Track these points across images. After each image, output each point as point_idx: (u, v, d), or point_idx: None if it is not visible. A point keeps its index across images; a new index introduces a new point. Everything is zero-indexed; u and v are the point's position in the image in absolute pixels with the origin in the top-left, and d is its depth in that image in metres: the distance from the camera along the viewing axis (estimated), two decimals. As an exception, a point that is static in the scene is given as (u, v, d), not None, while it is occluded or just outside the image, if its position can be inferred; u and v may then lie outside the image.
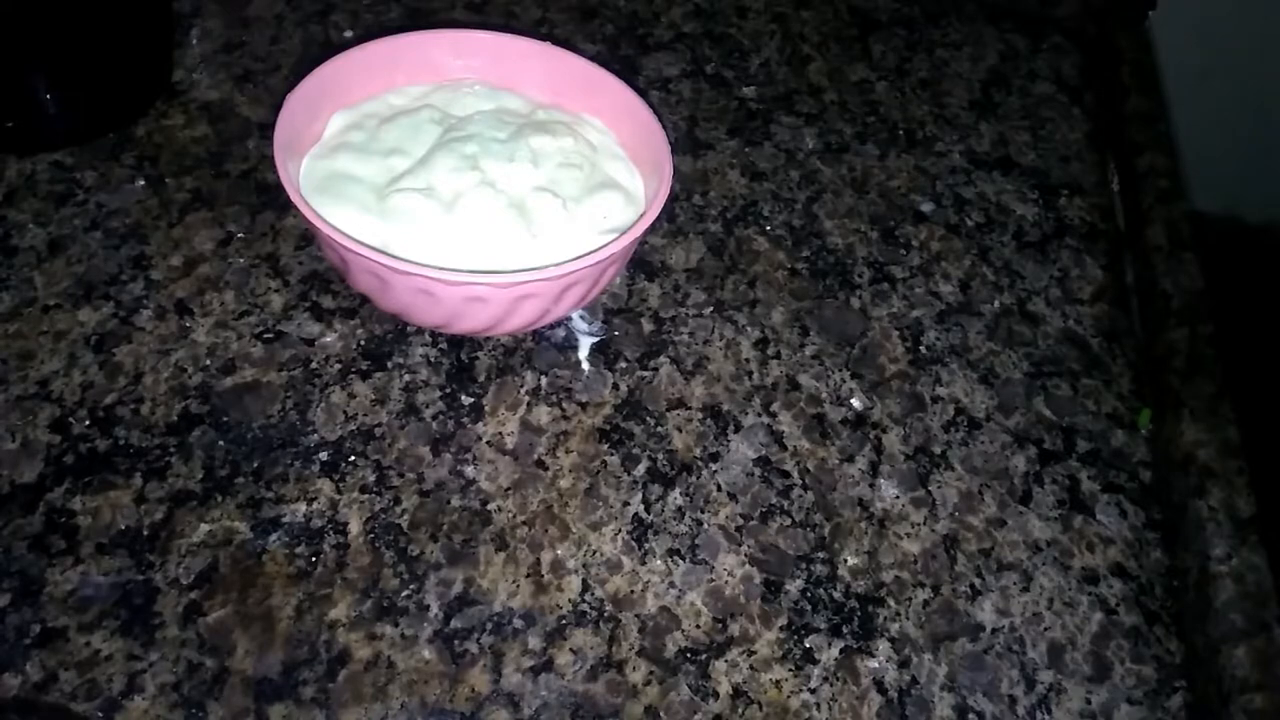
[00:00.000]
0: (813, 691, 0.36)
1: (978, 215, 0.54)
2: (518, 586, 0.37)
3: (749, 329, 0.46)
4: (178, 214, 0.46)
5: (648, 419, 0.42)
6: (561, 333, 0.45)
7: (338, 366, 0.42)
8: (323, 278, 0.45)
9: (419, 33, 0.45)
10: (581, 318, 0.45)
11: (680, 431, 0.42)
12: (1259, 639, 0.37)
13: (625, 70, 0.57)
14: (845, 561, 0.39)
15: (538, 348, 0.44)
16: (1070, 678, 0.38)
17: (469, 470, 0.39)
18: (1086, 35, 0.67)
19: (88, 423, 0.38)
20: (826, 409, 0.44)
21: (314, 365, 0.42)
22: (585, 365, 0.44)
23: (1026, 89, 0.63)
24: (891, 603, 0.39)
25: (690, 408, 0.43)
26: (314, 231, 0.37)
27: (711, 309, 0.47)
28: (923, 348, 0.47)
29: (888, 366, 0.46)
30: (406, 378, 0.42)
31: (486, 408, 0.41)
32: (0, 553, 0.35)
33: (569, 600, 0.37)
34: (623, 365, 0.44)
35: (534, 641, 0.35)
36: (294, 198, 0.36)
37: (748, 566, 0.39)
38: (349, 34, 0.57)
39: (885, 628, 0.38)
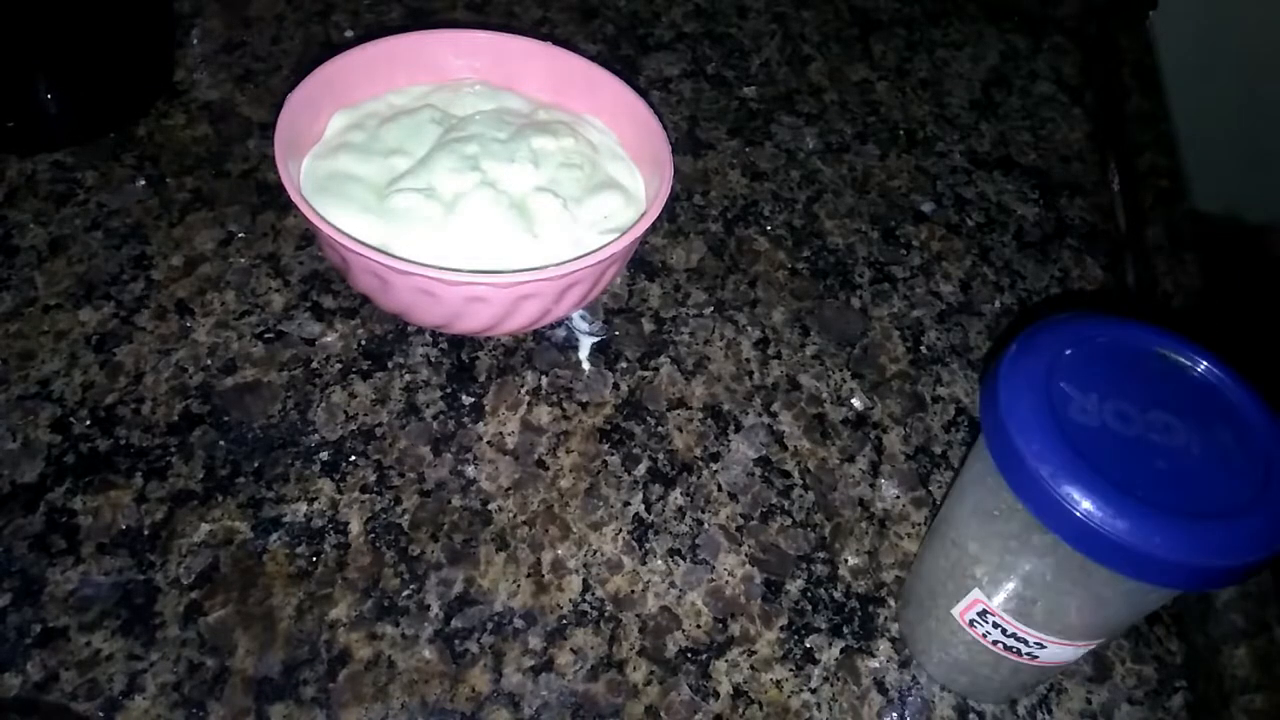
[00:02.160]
0: (813, 691, 0.36)
1: (978, 215, 0.54)
2: (518, 586, 0.37)
3: (749, 329, 0.46)
4: (178, 214, 0.46)
5: (648, 419, 0.42)
6: (562, 333, 0.45)
7: (338, 366, 0.42)
8: (323, 278, 0.45)
9: (420, 33, 0.45)
10: (582, 318, 0.45)
11: (681, 431, 0.42)
12: (1259, 639, 0.37)
13: (626, 70, 0.57)
14: (846, 561, 0.39)
15: (538, 348, 0.44)
16: (1071, 678, 0.38)
17: (469, 470, 0.39)
18: (1087, 35, 0.67)
19: (88, 422, 0.38)
20: (827, 409, 0.44)
21: (315, 365, 0.42)
22: (586, 365, 0.44)
23: (1027, 89, 0.63)
24: (892, 603, 0.39)
25: (691, 408, 0.43)
26: (315, 231, 0.37)
27: (712, 309, 0.47)
28: (923, 348, 0.47)
29: (888, 366, 0.46)
30: (407, 377, 0.42)
31: (487, 407, 0.41)
32: (1, 552, 0.35)
33: (569, 600, 0.37)
34: (623, 365, 0.44)
35: (534, 641, 0.35)
36: (295, 197, 0.36)
37: (748, 566, 0.39)
38: (350, 34, 0.57)
39: (886, 628, 0.38)
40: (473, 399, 0.42)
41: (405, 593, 0.36)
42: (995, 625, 0.31)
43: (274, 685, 0.33)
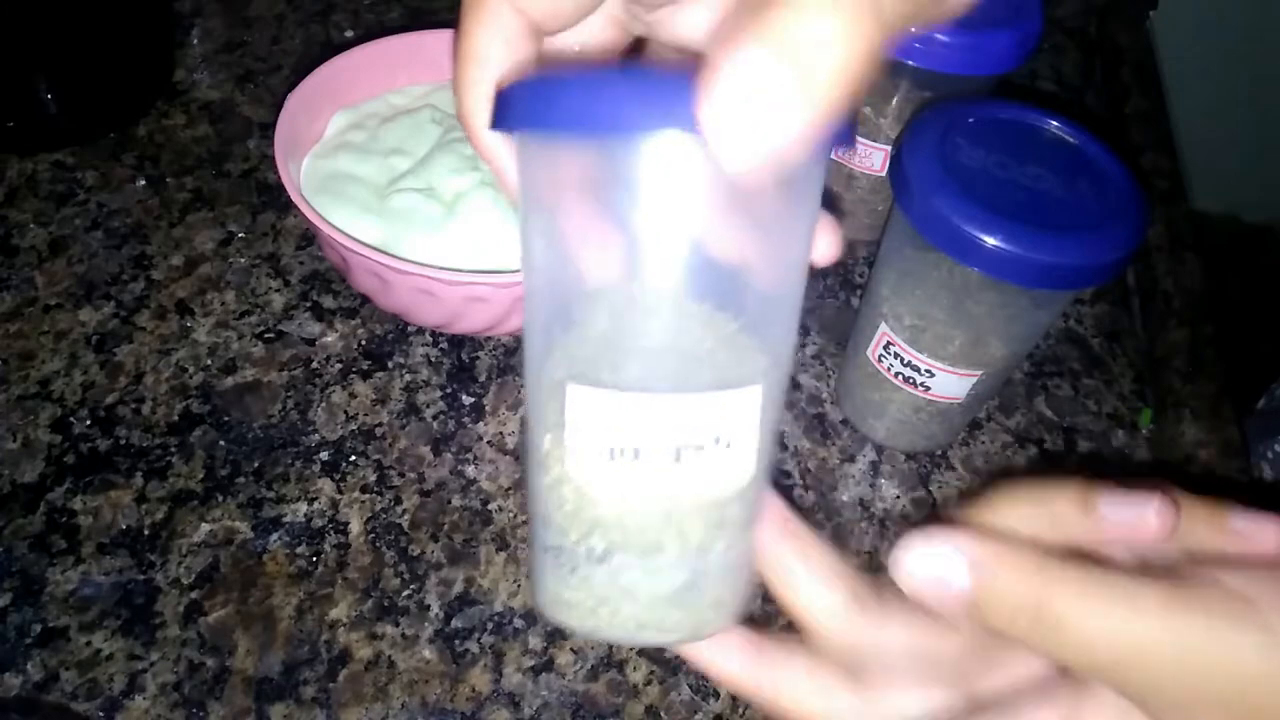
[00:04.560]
0: (813, 691, 0.36)
1: (978, 215, 0.54)
2: (518, 586, 0.37)
3: (750, 329, 0.46)
4: (178, 214, 0.46)
5: (648, 419, 0.42)
6: (562, 333, 0.44)
7: (339, 366, 0.42)
8: (323, 277, 0.45)
9: (420, 32, 0.45)
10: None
11: (681, 431, 0.42)
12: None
13: (626, 70, 0.57)
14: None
15: (538, 347, 0.44)
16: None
17: (470, 470, 0.39)
18: (1087, 35, 0.67)
19: (89, 422, 0.38)
20: (827, 409, 0.44)
21: (315, 365, 0.42)
22: (586, 365, 0.44)
23: (1027, 89, 0.63)
24: (892, 603, 0.39)
25: (691, 408, 0.43)
26: (315, 231, 0.37)
27: (712, 309, 0.47)
28: (923, 348, 0.47)
29: (888, 366, 0.46)
30: (407, 377, 0.42)
31: (487, 407, 0.41)
32: (1, 552, 0.35)
33: (570, 600, 0.37)
34: (623, 365, 0.44)
35: (535, 641, 0.35)
36: (295, 197, 0.36)
37: (748, 566, 0.39)
38: (350, 34, 0.57)
39: (886, 628, 0.38)
40: (473, 399, 0.42)
41: (405, 593, 0.36)
42: (896, 356, 0.38)
43: (274, 685, 0.33)
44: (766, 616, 0.37)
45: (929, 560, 0.20)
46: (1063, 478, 0.23)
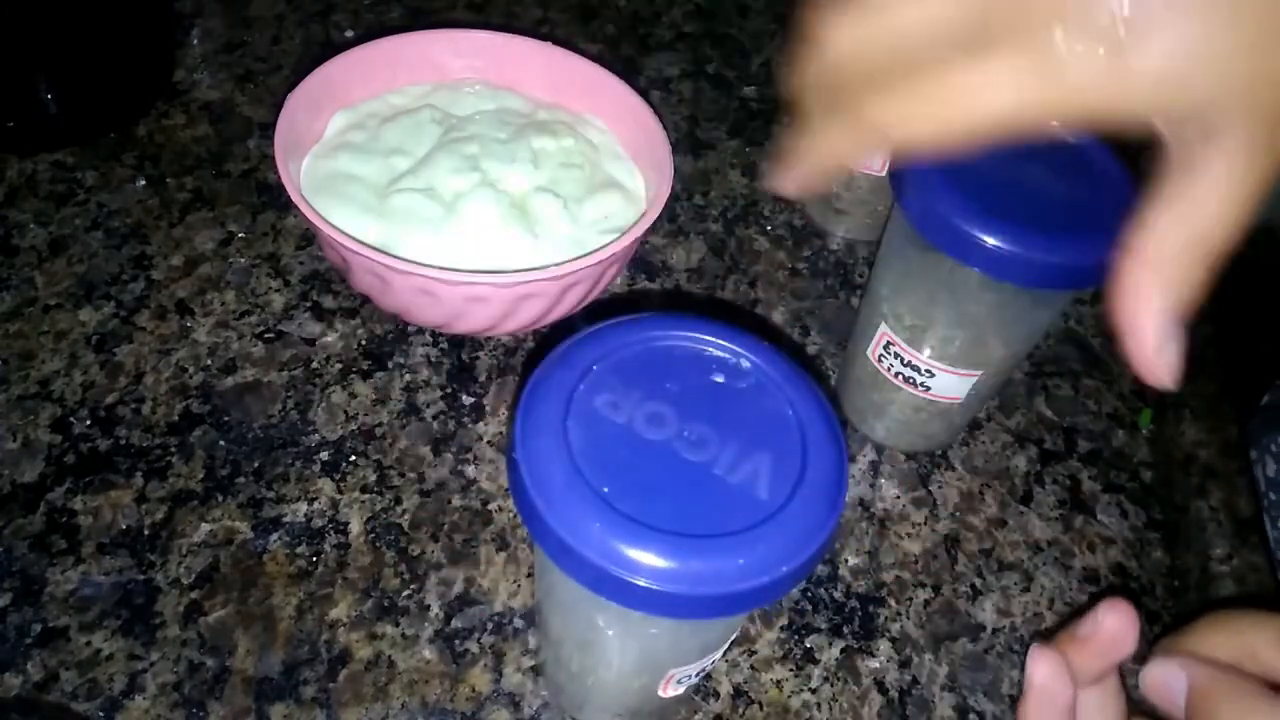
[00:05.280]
0: (813, 691, 0.36)
1: (978, 215, 0.54)
2: (518, 586, 0.37)
3: (750, 328, 0.46)
4: (179, 214, 0.46)
5: (648, 419, 0.42)
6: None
7: (339, 366, 0.42)
8: (324, 277, 0.45)
9: (420, 32, 0.45)
10: (582, 318, 0.45)
11: (681, 431, 0.42)
12: (1260, 639, 0.37)
13: (626, 70, 0.57)
14: (846, 561, 0.39)
15: (538, 347, 0.44)
16: (1071, 678, 0.38)
17: (470, 470, 0.39)
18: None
19: (89, 422, 0.38)
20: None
21: (315, 365, 0.42)
22: (586, 365, 0.44)
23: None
24: (892, 603, 0.39)
25: (691, 408, 0.43)
26: (315, 231, 0.37)
27: (712, 309, 0.47)
28: (923, 348, 0.47)
29: (888, 366, 0.46)
30: (407, 377, 0.42)
31: (487, 407, 0.41)
32: (1, 552, 0.35)
33: (570, 600, 0.37)
34: (623, 365, 0.44)
35: (535, 641, 0.35)
36: (295, 197, 0.36)
37: (748, 566, 0.38)
38: (350, 34, 0.57)
39: (886, 628, 0.38)
40: (473, 399, 0.42)
41: (405, 593, 0.36)
42: (896, 355, 0.38)
43: (274, 685, 0.33)
44: (766, 615, 0.37)
45: (1159, 672, 0.29)
46: (1263, 615, 0.30)
